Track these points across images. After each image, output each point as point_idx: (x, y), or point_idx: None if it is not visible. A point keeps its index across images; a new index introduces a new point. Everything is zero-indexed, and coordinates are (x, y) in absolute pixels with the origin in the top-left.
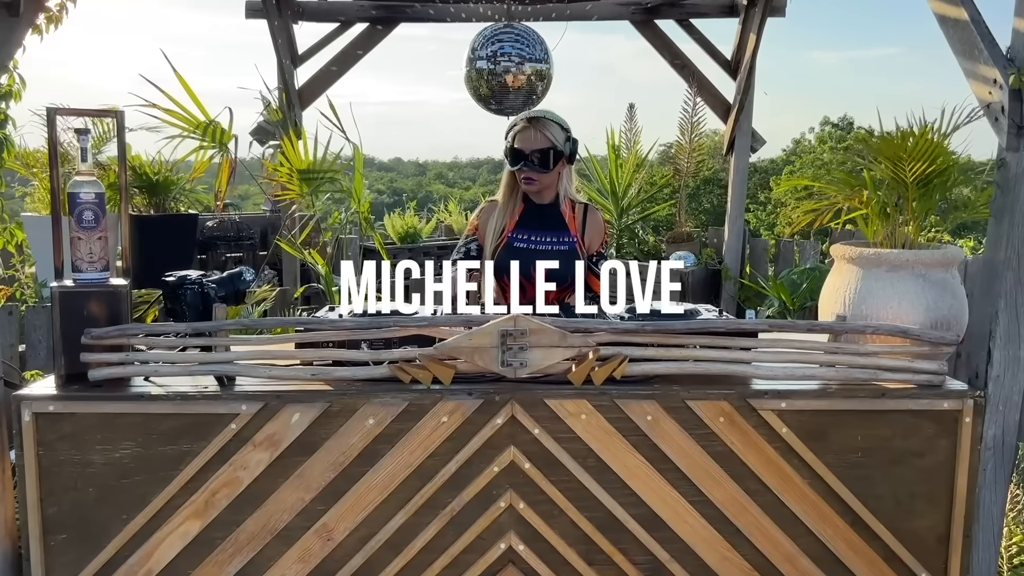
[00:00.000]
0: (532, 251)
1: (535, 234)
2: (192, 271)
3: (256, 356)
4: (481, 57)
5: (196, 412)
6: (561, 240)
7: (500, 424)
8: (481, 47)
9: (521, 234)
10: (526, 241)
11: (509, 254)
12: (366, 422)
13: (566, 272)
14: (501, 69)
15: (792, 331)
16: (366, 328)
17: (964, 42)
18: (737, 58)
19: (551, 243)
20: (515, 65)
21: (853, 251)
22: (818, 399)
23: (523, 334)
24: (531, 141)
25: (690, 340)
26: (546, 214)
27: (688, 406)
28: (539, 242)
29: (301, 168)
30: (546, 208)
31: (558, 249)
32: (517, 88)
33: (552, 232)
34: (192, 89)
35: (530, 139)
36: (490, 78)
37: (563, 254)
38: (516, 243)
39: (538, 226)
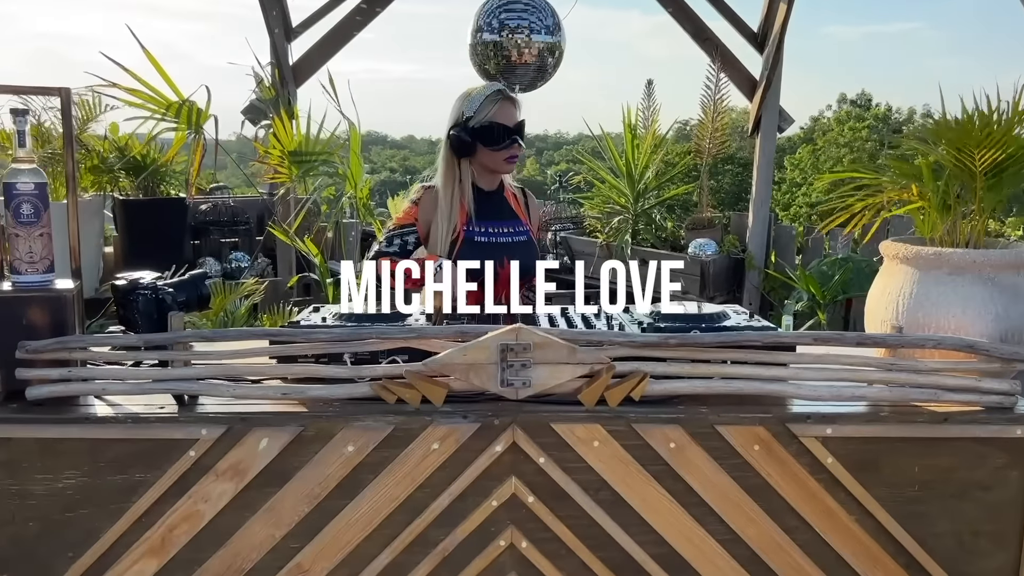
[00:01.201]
0: (496, 245)
1: (491, 225)
2: (147, 273)
3: (220, 372)
4: (487, 29)
5: (150, 437)
6: (518, 230)
7: (500, 452)
8: (487, 18)
9: (478, 227)
10: (486, 235)
11: (472, 252)
12: (345, 449)
13: (530, 262)
14: (509, 43)
15: (840, 345)
16: (343, 340)
17: None
18: (764, 30)
19: (510, 234)
20: (524, 37)
21: (909, 250)
22: (869, 424)
23: (526, 348)
24: (512, 114)
25: (721, 355)
26: (495, 202)
27: (718, 431)
28: (498, 234)
29: (292, 149)
30: (493, 196)
31: (518, 240)
32: (526, 63)
33: (507, 222)
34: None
35: (512, 113)
36: (496, 52)
37: (524, 245)
38: (477, 238)
39: (492, 216)
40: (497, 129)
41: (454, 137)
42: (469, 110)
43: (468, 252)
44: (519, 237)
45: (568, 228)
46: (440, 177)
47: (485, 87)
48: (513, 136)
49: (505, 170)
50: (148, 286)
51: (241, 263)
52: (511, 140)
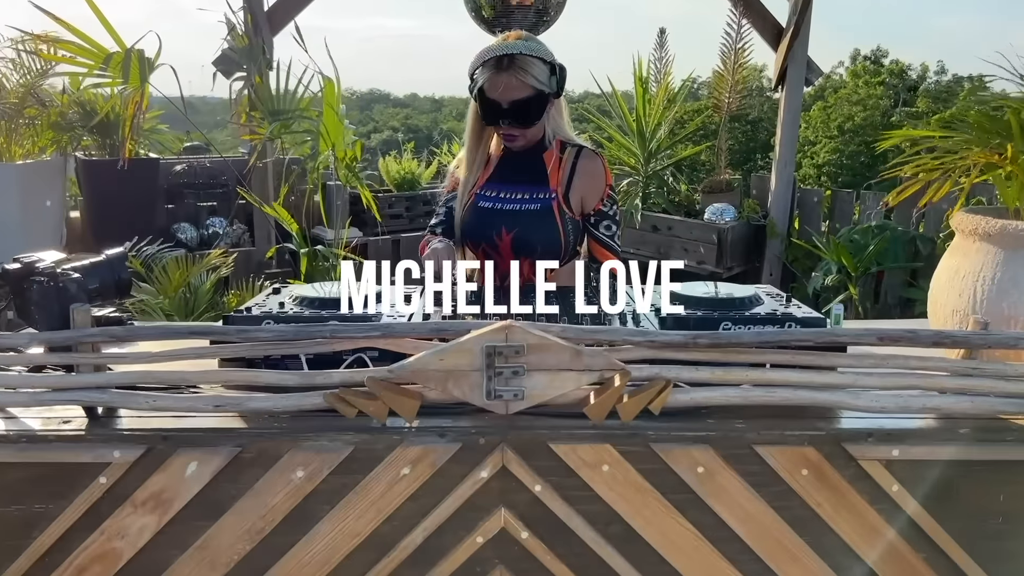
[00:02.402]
0: (497, 212)
1: (505, 189)
2: (48, 254)
3: (138, 379)
4: None
5: (51, 461)
6: (534, 196)
7: (486, 478)
8: None
9: (490, 190)
10: (492, 199)
11: (473, 217)
12: (293, 474)
13: (538, 238)
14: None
15: (912, 345)
16: (291, 340)
17: None
18: None
19: (522, 200)
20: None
21: (991, 224)
22: (945, 443)
23: (518, 352)
24: (508, 89)
25: (760, 357)
26: (523, 163)
27: (756, 452)
28: (506, 199)
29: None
30: (525, 155)
31: (527, 208)
32: (525, 5)
33: (525, 186)
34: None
35: (505, 87)
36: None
37: (533, 215)
38: (481, 202)
39: (511, 178)
40: (486, 105)
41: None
42: (472, 68)
43: (468, 218)
44: (532, 205)
45: None
46: (465, 138)
47: (495, 46)
48: (505, 116)
49: (508, 145)
50: (46, 271)
51: (219, 229)
52: (502, 119)
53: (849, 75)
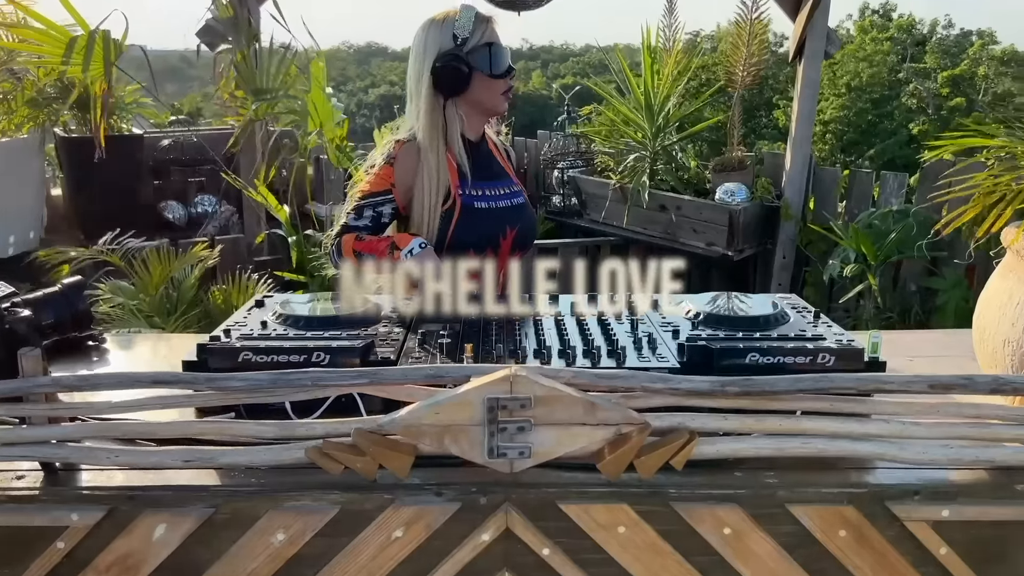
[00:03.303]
0: (498, 212)
1: (487, 187)
2: None
3: (98, 431)
4: None
5: (5, 525)
6: (514, 191)
7: (488, 541)
8: None
9: (474, 189)
10: (485, 199)
11: (473, 221)
12: (272, 537)
13: (531, 231)
14: None
15: (967, 392)
16: (267, 388)
17: None
18: None
19: (508, 195)
20: None
21: None
22: (1000, 502)
23: (524, 405)
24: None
25: (793, 404)
26: (484, 157)
27: (790, 512)
28: (497, 196)
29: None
30: (481, 148)
31: (518, 203)
32: None
33: (499, 181)
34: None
35: (500, 39)
36: None
37: (523, 208)
38: (477, 203)
39: (484, 174)
40: (498, 51)
41: (444, 69)
42: (462, 31)
43: (469, 223)
44: (517, 199)
45: (577, 166)
46: (424, 130)
47: (461, 8)
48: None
49: (500, 108)
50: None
51: (208, 207)
52: (510, 67)
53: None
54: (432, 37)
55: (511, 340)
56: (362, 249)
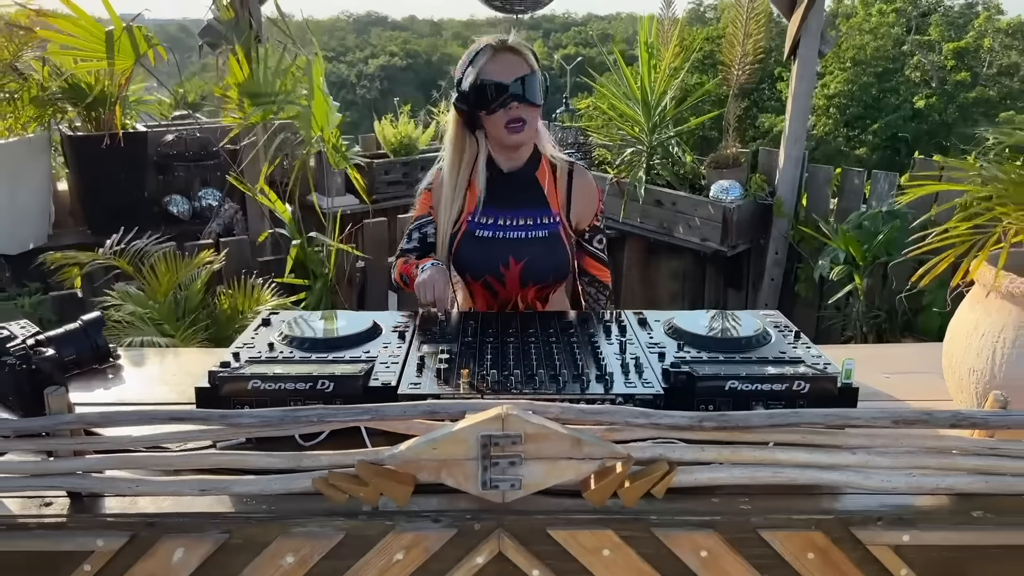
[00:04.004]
0: (500, 241)
1: (503, 215)
2: (19, 325)
3: (120, 463)
4: None
5: (34, 550)
6: (539, 222)
7: (482, 564)
8: None
9: (485, 217)
10: (492, 227)
11: (471, 247)
12: (282, 560)
13: (550, 267)
14: None
15: (925, 427)
16: (275, 424)
17: None
18: None
19: (526, 227)
20: None
21: (1017, 284)
22: (958, 529)
23: (515, 442)
24: (509, 68)
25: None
26: (517, 184)
27: (761, 537)
28: (509, 227)
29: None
30: (517, 175)
31: (536, 236)
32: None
33: (526, 210)
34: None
35: (508, 65)
36: None
37: (543, 243)
38: (479, 231)
39: (508, 203)
40: (487, 89)
41: (456, 107)
42: (462, 70)
43: (466, 249)
44: (540, 231)
45: (575, 158)
46: (446, 157)
47: (482, 42)
48: (509, 94)
49: (509, 141)
50: (18, 352)
51: (211, 200)
52: (506, 98)
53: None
54: (459, 71)
55: (504, 366)
56: (404, 271)
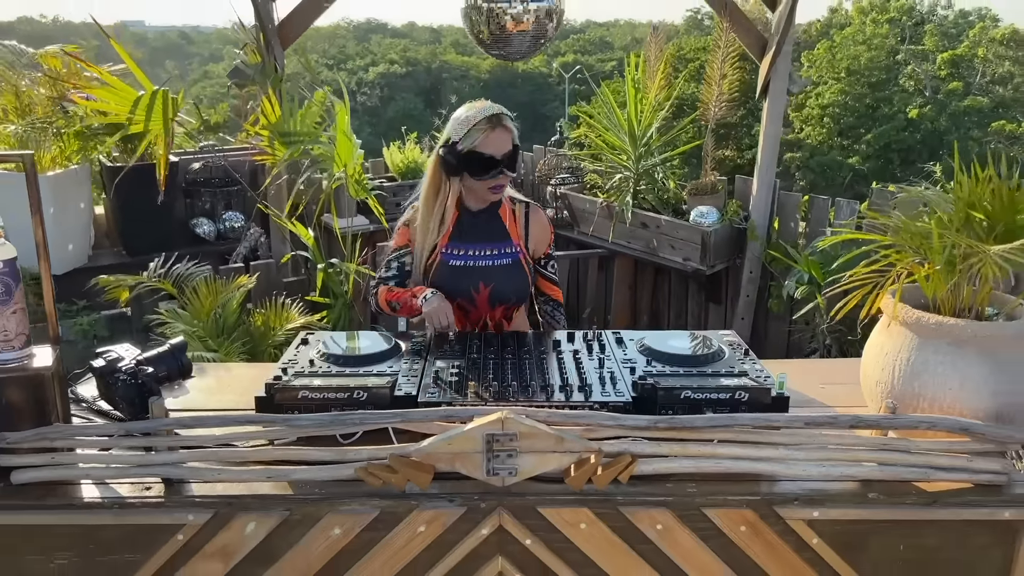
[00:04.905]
0: (471, 269)
1: (472, 247)
2: (124, 348)
3: (205, 456)
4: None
5: (138, 523)
6: (503, 252)
7: (486, 535)
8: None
9: (456, 248)
10: (463, 257)
11: (445, 274)
12: (331, 532)
13: (513, 290)
14: (503, 11)
15: (833, 427)
16: (326, 426)
17: None
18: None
19: (492, 256)
20: (520, 4)
21: (910, 314)
22: (858, 506)
23: (512, 439)
24: (501, 144)
25: (711, 435)
26: (483, 221)
27: (704, 513)
28: (477, 256)
29: (279, 129)
30: (482, 213)
31: (500, 264)
32: (523, 32)
33: (491, 243)
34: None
35: (499, 141)
36: (490, 20)
37: (507, 269)
38: (452, 261)
39: (475, 237)
40: (481, 160)
41: (441, 158)
42: (457, 134)
43: (441, 275)
44: (503, 260)
45: (568, 182)
46: (423, 195)
47: (479, 111)
48: (499, 167)
49: (490, 198)
50: (128, 370)
51: (234, 223)
52: (496, 171)
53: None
54: (451, 125)
55: (504, 378)
56: (392, 299)
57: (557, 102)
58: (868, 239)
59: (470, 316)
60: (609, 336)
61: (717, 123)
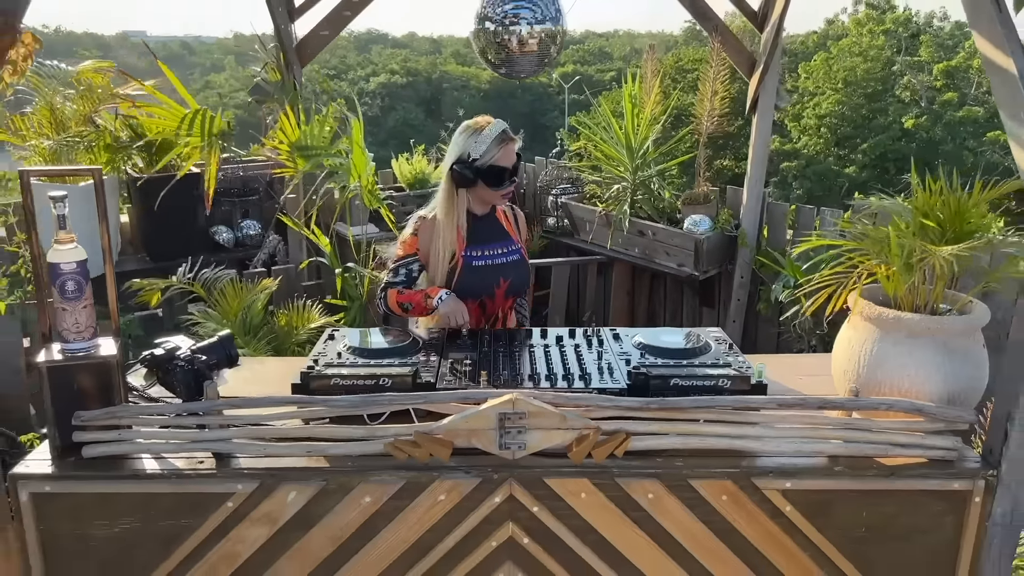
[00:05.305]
0: (492, 267)
1: (487, 248)
2: (179, 339)
3: (252, 433)
4: (490, 18)
5: (193, 491)
6: (511, 249)
7: (498, 502)
8: (490, 5)
9: (475, 251)
10: (483, 258)
11: (471, 275)
12: (363, 500)
13: (523, 282)
14: (510, 34)
15: (803, 409)
16: (358, 406)
17: (1009, 98)
18: (764, 11)
19: (504, 255)
20: (526, 28)
21: (872, 310)
22: (825, 478)
23: (522, 417)
24: (510, 156)
25: (696, 415)
26: (487, 224)
27: (690, 484)
28: (493, 256)
29: (298, 143)
30: (486, 219)
31: (512, 260)
32: (528, 53)
33: (499, 243)
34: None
35: (510, 154)
36: (498, 43)
37: (517, 264)
38: (475, 262)
39: (486, 239)
40: (501, 172)
41: (457, 173)
42: (476, 151)
43: (468, 277)
44: (513, 256)
45: (569, 192)
46: (441, 208)
47: (491, 128)
48: (511, 178)
49: (501, 204)
50: (185, 358)
51: (251, 230)
52: (510, 181)
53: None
54: (459, 142)
55: (513, 367)
56: (404, 300)
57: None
58: (835, 244)
59: (487, 310)
60: (607, 332)
61: (713, 135)
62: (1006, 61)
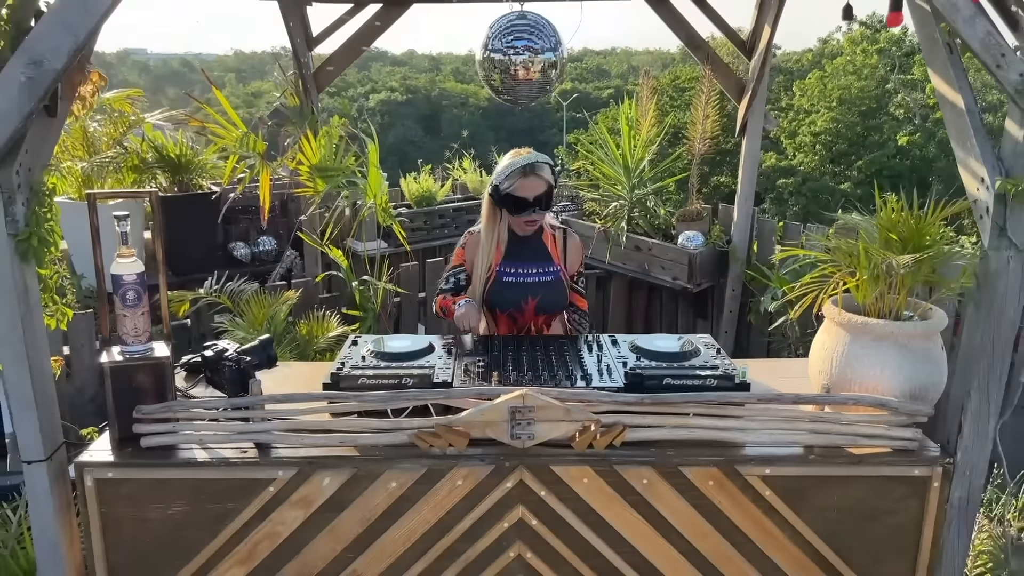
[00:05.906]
0: (521, 284)
1: (522, 266)
2: (226, 342)
3: (290, 425)
4: (495, 49)
5: (239, 477)
6: (546, 271)
7: (510, 487)
8: (495, 38)
9: (508, 267)
10: (514, 275)
11: (500, 289)
12: (389, 485)
13: (555, 302)
14: (513, 63)
15: (780, 403)
16: (387, 401)
17: (959, 130)
18: (752, 40)
19: (537, 275)
20: (528, 57)
21: (842, 316)
22: (800, 465)
23: (531, 410)
24: (533, 188)
25: (686, 409)
26: (529, 245)
27: (680, 471)
28: (526, 274)
29: (317, 165)
30: (529, 239)
31: (545, 280)
32: (530, 80)
33: (537, 263)
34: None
35: (531, 186)
36: (503, 72)
37: (550, 285)
38: (505, 278)
39: (524, 258)
40: (515, 201)
41: (490, 195)
42: (500, 177)
43: (497, 290)
44: (547, 277)
45: (569, 209)
46: (483, 225)
47: (519, 159)
48: (531, 207)
49: (525, 231)
50: (232, 358)
51: (267, 246)
52: (529, 210)
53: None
54: (497, 167)
55: (521, 369)
56: (444, 305)
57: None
58: (808, 255)
59: (517, 323)
60: (606, 338)
61: (707, 154)
62: (956, 97)
